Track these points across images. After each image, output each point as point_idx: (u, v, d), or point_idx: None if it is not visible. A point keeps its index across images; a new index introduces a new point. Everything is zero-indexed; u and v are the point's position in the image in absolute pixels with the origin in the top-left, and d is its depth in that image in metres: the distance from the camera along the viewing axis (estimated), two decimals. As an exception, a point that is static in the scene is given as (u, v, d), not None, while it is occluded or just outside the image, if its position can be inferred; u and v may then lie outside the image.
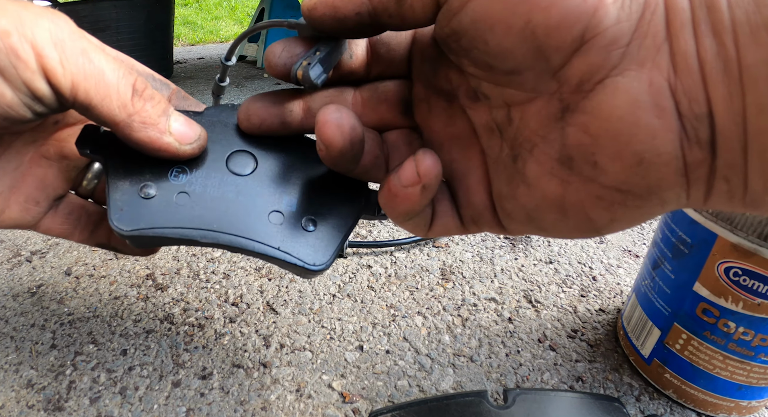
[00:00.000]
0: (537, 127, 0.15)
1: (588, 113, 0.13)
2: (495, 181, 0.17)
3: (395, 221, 0.18)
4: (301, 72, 0.17)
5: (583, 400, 0.29)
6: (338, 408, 0.32)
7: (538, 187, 0.15)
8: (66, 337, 0.38)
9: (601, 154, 0.13)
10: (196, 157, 0.21)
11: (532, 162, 0.15)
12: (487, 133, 0.17)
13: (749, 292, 0.26)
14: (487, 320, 0.40)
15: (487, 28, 0.13)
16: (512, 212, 0.17)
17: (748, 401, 0.30)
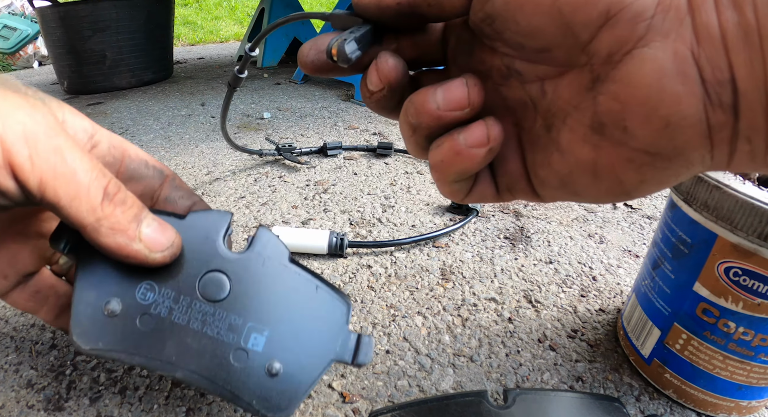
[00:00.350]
0: (569, 98, 0.16)
1: (618, 82, 0.14)
2: (529, 150, 0.18)
3: (440, 182, 0.19)
4: (335, 48, 0.17)
5: (583, 400, 0.29)
6: (338, 408, 0.32)
7: (572, 153, 0.16)
8: (66, 337, 0.38)
9: (631, 119, 0.14)
10: (167, 270, 0.20)
11: (566, 130, 0.16)
12: (521, 107, 0.18)
13: (749, 292, 0.26)
14: (487, 320, 0.40)
15: (517, 8, 0.15)
16: (546, 179, 0.18)
17: (748, 401, 0.30)
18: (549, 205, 0.63)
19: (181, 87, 1.35)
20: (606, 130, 0.15)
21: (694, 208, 0.28)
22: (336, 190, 0.66)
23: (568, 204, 0.64)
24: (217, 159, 0.77)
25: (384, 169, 0.75)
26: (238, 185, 0.67)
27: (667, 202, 0.33)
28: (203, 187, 0.66)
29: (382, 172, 0.73)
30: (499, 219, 0.59)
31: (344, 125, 0.98)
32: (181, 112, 1.08)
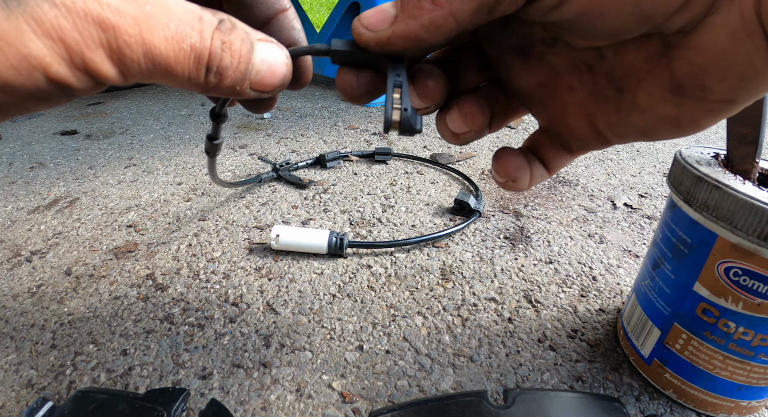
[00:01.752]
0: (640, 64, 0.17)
1: (692, 48, 0.15)
2: (600, 112, 0.19)
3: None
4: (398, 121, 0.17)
5: (583, 400, 0.29)
6: (338, 408, 0.32)
7: (653, 112, 0.17)
8: (66, 337, 0.38)
9: (709, 78, 0.15)
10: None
11: (643, 93, 0.17)
12: (574, 71, 0.18)
13: (749, 292, 0.26)
14: (487, 320, 0.40)
15: (596, 16, 0.15)
16: (626, 133, 0.18)
17: (748, 401, 0.30)
18: (549, 205, 0.63)
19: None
20: (686, 90, 0.16)
21: (694, 208, 0.28)
22: (336, 190, 0.66)
23: (568, 204, 0.64)
24: (217, 159, 0.77)
25: (384, 169, 0.75)
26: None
27: (667, 202, 0.33)
28: (203, 187, 0.66)
29: (382, 172, 0.73)
30: (499, 219, 0.59)
31: (344, 125, 0.98)
32: (181, 112, 1.07)
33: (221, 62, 0.16)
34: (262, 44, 0.17)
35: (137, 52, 0.14)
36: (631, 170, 0.80)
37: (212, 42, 0.15)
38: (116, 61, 0.14)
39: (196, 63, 0.15)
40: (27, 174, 0.70)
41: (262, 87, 0.17)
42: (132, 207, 0.60)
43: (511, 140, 0.95)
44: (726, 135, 0.29)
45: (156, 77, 0.15)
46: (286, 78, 0.18)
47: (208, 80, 0.16)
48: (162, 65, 0.15)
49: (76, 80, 0.14)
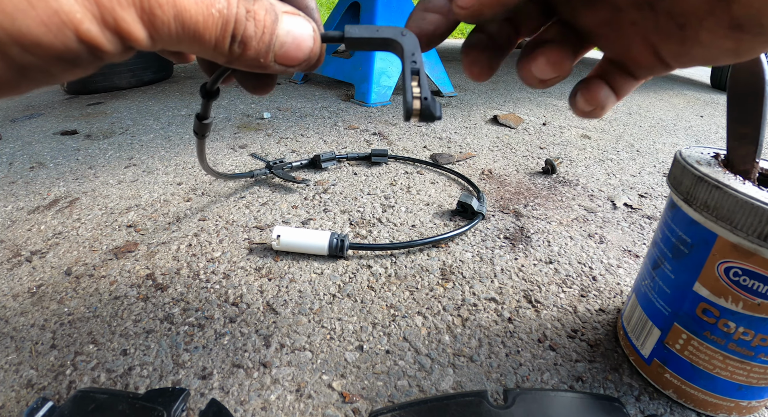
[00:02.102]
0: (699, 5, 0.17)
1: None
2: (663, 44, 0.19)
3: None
4: (418, 109, 0.17)
5: (583, 400, 0.29)
6: (338, 408, 0.32)
7: (714, 46, 0.18)
8: (66, 337, 0.38)
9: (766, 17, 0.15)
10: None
11: (704, 31, 0.17)
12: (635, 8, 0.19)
13: (749, 292, 0.26)
14: (487, 320, 0.40)
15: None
16: (688, 62, 0.19)
17: (748, 401, 0.30)
18: (549, 205, 0.63)
19: (181, 87, 1.35)
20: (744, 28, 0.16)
21: (694, 208, 0.28)
22: (336, 190, 0.66)
23: (568, 204, 0.64)
24: (217, 159, 0.77)
25: (384, 169, 0.75)
26: (238, 185, 0.67)
27: (667, 202, 0.33)
28: (203, 187, 0.66)
29: (382, 172, 0.73)
30: (499, 219, 0.59)
31: (344, 125, 0.98)
32: (181, 112, 1.07)
33: (246, 31, 0.15)
34: (288, 17, 0.17)
35: (168, 13, 0.14)
36: (631, 170, 0.80)
37: (238, 9, 0.15)
38: (147, 22, 0.14)
39: (223, 29, 0.15)
40: (27, 174, 0.70)
41: (288, 60, 0.17)
42: (132, 207, 0.60)
43: (511, 140, 0.95)
44: (726, 135, 0.29)
45: (183, 43, 0.15)
46: (314, 53, 0.18)
47: (232, 49, 0.16)
48: (191, 29, 0.14)
49: (106, 41, 0.13)
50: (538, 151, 0.89)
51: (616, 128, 1.12)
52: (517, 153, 0.87)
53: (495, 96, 1.40)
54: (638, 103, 1.48)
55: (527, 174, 0.75)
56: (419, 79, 0.17)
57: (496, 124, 1.07)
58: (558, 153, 0.88)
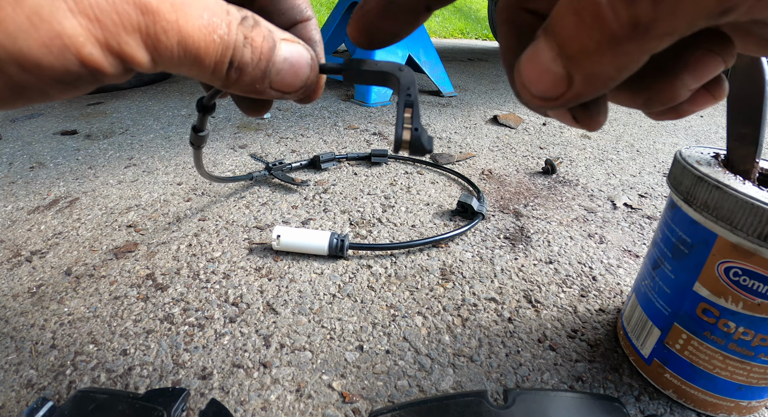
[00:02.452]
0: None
1: None
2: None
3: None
4: (408, 141, 0.16)
5: (583, 400, 0.29)
6: (338, 408, 0.32)
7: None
8: (66, 337, 0.38)
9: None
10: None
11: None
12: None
13: (749, 292, 0.26)
14: (487, 320, 0.40)
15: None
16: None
17: (748, 401, 0.30)
18: (549, 205, 0.63)
19: (181, 87, 1.35)
20: None
21: (694, 208, 0.28)
22: (336, 190, 0.66)
23: (568, 204, 0.64)
24: (217, 159, 0.77)
25: (384, 169, 0.75)
26: (238, 185, 0.67)
27: (667, 202, 0.33)
28: (203, 186, 0.66)
29: (382, 172, 0.73)
30: (499, 219, 0.59)
31: (344, 125, 0.98)
32: (181, 112, 1.07)
33: (243, 57, 0.16)
34: (287, 44, 0.17)
35: (172, 39, 0.14)
36: (631, 170, 0.80)
37: (237, 36, 0.15)
38: (150, 47, 0.14)
39: (222, 55, 0.15)
40: (27, 174, 0.70)
41: (284, 87, 0.17)
42: (132, 207, 0.60)
43: (511, 140, 0.95)
44: (726, 135, 0.29)
45: (184, 66, 0.15)
46: (311, 81, 0.18)
47: (229, 75, 0.16)
48: (192, 54, 0.15)
49: (108, 64, 0.13)
50: (538, 151, 0.89)
51: (616, 128, 1.12)
52: (517, 153, 0.87)
53: (495, 96, 1.40)
54: (638, 103, 1.48)
55: (527, 174, 0.75)
56: (413, 111, 0.17)
57: (496, 124, 1.07)
58: (558, 153, 0.88)
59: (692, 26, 0.11)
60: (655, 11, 0.10)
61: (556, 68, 0.12)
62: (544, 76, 0.13)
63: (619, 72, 0.12)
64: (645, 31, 0.11)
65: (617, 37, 0.11)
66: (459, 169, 0.77)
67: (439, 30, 3.83)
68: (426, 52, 1.29)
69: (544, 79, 0.13)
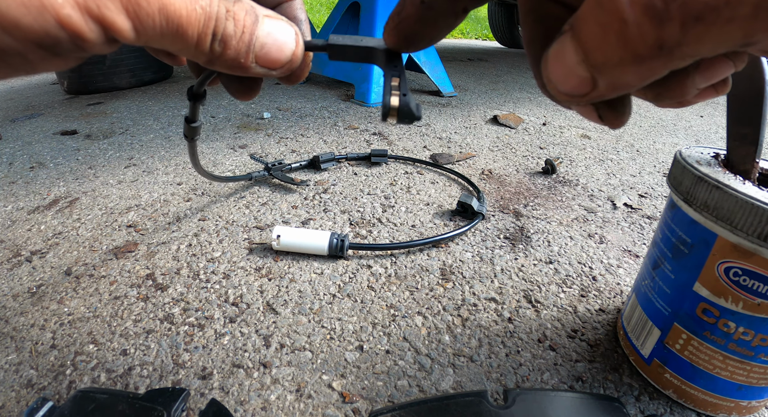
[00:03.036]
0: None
1: None
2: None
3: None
4: (396, 107, 0.16)
5: (583, 400, 0.29)
6: (338, 408, 0.32)
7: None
8: (66, 337, 0.38)
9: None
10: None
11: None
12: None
13: (749, 292, 0.26)
14: (487, 320, 0.40)
15: None
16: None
17: (748, 401, 0.30)
18: (549, 205, 0.63)
19: (181, 87, 1.35)
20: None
21: (694, 208, 0.28)
22: (336, 190, 0.66)
23: (568, 204, 0.64)
24: (217, 159, 0.77)
25: (384, 169, 0.75)
26: (238, 185, 0.67)
27: (667, 202, 0.33)
28: (203, 186, 0.66)
29: (382, 172, 0.73)
30: (499, 219, 0.59)
31: (344, 125, 0.98)
32: (181, 112, 1.07)
33: (225, 30, 0.15)
34: (270, 20, 0.17)
35: (153, 6, 0.14)
36: (631, 170, 0.80)
37: (218, 8, 0.15)
38: (132, 13, 0.14)
39: (205, 26, 0.15)
40: (27, 174, 0.70)
41: (269, 63, 0.17)
42: (132, 207, 0.60)
43: (511, 140, 0.95)
44: (726, 135, 0.29)
45: (167, 38, 0.15)
46: (296, 56, 0.18)
47: (213, 48, 0.16)
48: (175, 24, 0.14)
49: (88, 30, 0.13)
50: (538, 151, 0.89)
51: (616, 128, 1.12)
52: (517, 153, 0.87)
53: (495, 96, 1.40)
54: (638, 102, 1.48)
55: (527, 174, 0.75)
56: (400, 80, 0.17)
57: (496, 124, 1.07)
58: (558, 153, 0.88)
59: (715, 51, 0.11)
60: (683, 36, 0.10)
61: (582, 72, 0.13)
62: (569, 76, 0.13)
63: (641, 82, 0.12)
64: (670, 53, 0.11)
65: (641, 56, 0.11)
66: (459, 169, 0.77)
67: (439, 30, 3.81)
68: (426, 52, 1.29)
69: (570, 79, 0.13)
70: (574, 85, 0.13)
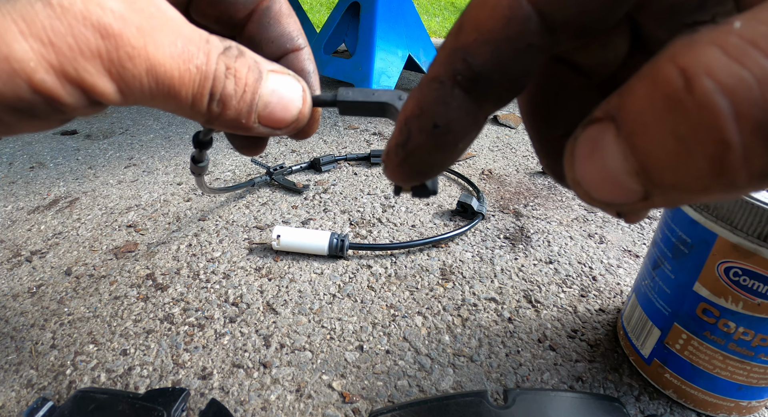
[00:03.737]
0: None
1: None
2: None
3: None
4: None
5: (583, 400, 0.29)
6: (338, 408, 0.32)
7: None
8: (66, 337, 0.38)
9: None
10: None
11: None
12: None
13: (749, 292, 0.26)
14: (487, 320, 0.40)
15: None
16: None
17: (748, 401, 0.30)
18: (549, 205, 0.63)
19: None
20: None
21: (694, 208, 0.28)
22: (336, 190, 0.66)
23: (568, 204, 0.64)
24: (217, 159, 0.77)
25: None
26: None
27: (667, 202, 0.33)
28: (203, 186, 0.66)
29: (383, 171, 0.73)
30: (499, 219, 0.59)
31: (344, 125, 0.98)
32: (181, 112, 1.07)
33: (225, 89, 0.14)
34: (275, 75, 0.15)
35: (140, 67, 0.12)
36: (631, 170, 0.80)
37: (216, 66, 0.14)
38: (115, 75, 0.12)
39: (200, 86, 0.14)
40: (27, 174, 0.70)
41: (273, 122, 0.16)
42: (132, 207, 0.60)
43: (511, 140, 0.95)
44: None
45: (157, 99, 0.14)
46: (303, 114, 0.16)
47: (211, 108, 0.14)
48: (166, 85, 0.13)
49: (66, 94, 0.12)
50: (538, 151, 0.89)
51: (616, 128, 1.12)
52: (517, 153, 0.87)
53: (495, 96, 1.40)
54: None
55: (527, 174, 0.75)
56: None
57: (496, 124, 1.07)
58: (558, 153, 0.88)
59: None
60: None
61: (631, 185, 0.09)
62: (610, 185, 0.09)
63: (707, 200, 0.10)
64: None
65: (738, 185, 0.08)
66: (459, 169, 0.77)
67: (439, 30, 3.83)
68: (426, 52, 1.29)
69: (611, 189, 0.09)
70: (617, 195, 0.09)
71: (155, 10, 0.13)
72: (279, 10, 0.20)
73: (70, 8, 0.11)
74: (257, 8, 0.19)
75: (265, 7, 0.19)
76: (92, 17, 0.12)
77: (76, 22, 0.11)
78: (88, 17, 0.12)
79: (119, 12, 0.12)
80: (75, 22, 0.11)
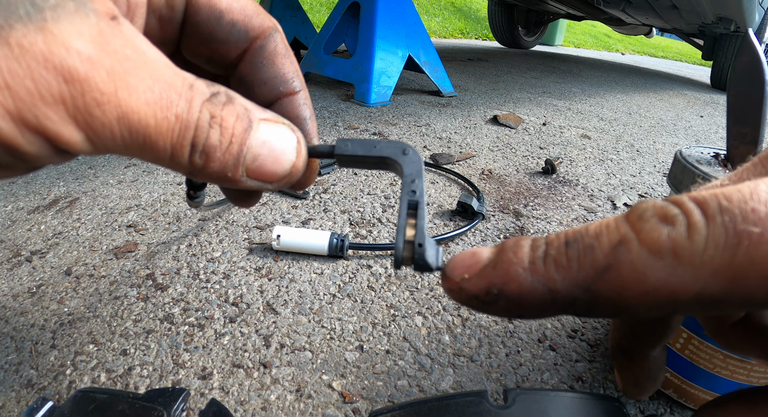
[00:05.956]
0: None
1: None
2: None
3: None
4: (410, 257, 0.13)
5: (583, 400, 0.29)
6: (338, 408, 0.32)
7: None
8: (66, 337, 0.38)
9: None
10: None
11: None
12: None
13: (749, 292, 0.26)
14: (487, 320, 0.40)
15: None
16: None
17: (748, 401, 0.30)
18: (549, 205, 0.63)
19: (181, 87, 1.35)
20: None
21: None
22: (336, 190, 0.66)
23: (568, 204, 0.64)
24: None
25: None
26: (238, 185, 0.67)
27: (667, 201, 0.33)
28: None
29: (382, 172, 0.73)
30: (499, 219, 0.59)
31: (344, 125, 0.98)
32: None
33: (208, 140, 0.13)
34: (267, 125, 0.14)
35: (110, 115, 0.11)
36: (631, 170, 0.80)
37: (200, 114, 0.13)
38: (82, 123, 0.11)
39: (180, 137, 0.12)
40: (27, 174, 0.70)
41: (263, 176, 0.14)
42: (132, 207, 0.60)
43: (511, 140, 0.95)
44: (726, 135, 0.29)
45: (132, 149, 0.12)
46: (297, 168, 0.15)
47: (193, 160, 0.13)
48: (140, 135, 0.12)
49: (26, 142, 0.11)
50: (538, 151, 0.89)
51: (616, 128, 1.12)
52: (517, 153, 0.87)
53: (495, 96, 1.40)
54: (638, 103, 1.48)
55: (527, 174, 0.75)
56: (416, 217, 0.14)
57: (496, 124, 1.07)
58: (558, 153, 0.88)
59: None
60: None
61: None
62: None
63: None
64: None
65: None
66: (459, 169, 0.77)
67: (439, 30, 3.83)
68: (426, 52, 1.29)
69: None
70: None
71: (131, 52, 0.12)
72: (273, 50, 0.18)
73: (29, 49, 0.10)
74: (250, 47, 0.18)
75: (259, 46, 0.18)
76: (54, 59, 0.10)
77: (36, 64, 0.10)
78: (49, 59, 0.10)
79: (87, 54, 0.11)
80: (35, 64, 0.10)
